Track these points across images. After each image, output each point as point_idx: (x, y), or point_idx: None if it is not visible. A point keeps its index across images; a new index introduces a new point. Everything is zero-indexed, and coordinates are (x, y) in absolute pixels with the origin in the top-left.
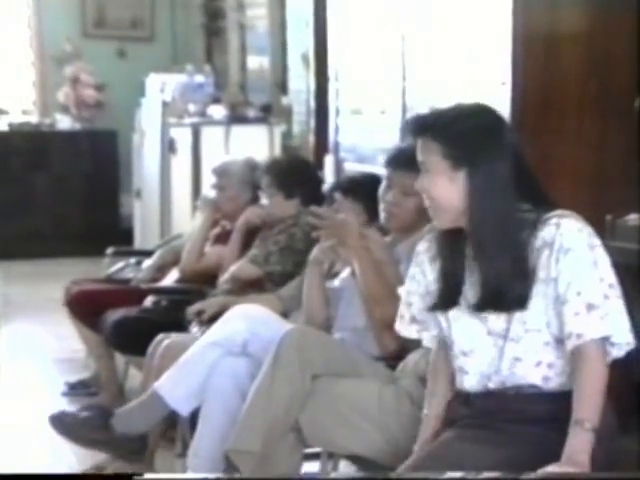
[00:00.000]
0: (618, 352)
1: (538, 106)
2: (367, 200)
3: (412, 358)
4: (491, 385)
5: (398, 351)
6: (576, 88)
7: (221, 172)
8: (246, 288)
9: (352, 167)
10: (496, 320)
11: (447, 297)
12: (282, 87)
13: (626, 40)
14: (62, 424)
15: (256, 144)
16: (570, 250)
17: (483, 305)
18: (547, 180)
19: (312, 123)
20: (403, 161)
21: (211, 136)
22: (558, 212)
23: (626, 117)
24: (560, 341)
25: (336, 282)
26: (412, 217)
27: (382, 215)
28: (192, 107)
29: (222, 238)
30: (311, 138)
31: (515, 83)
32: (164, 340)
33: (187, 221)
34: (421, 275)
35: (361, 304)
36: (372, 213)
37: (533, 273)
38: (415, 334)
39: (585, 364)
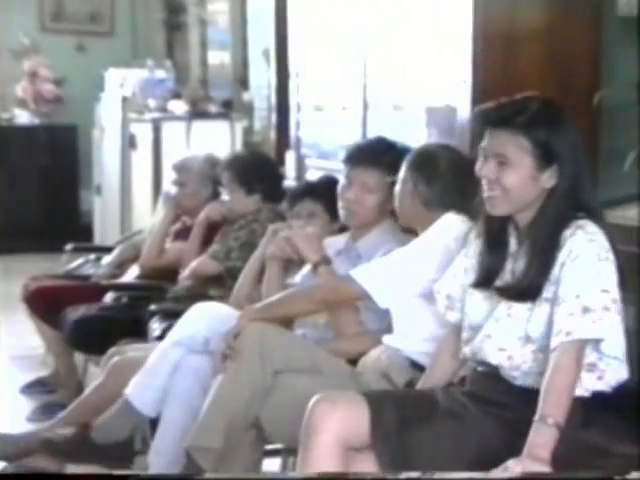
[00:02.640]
0: (606, 375)
1: (496, 94)
2: (327, 200)
3: (374, 354)
4: (466, 355)
5: (359, 354)
6: (536, 86)
7: (181, 168)
8: (206, 284)
9: (314, 163)
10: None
11: (485, 278)
12: (243, 83)
13: (585, 37)
14: (52, 451)
15: (217, 140)
16: (578, 257)
17: (509, 293)
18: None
19: (273, 119)
20: (363, 158)
21: (172, 132)
22: (585, 221)
23: (585, 113)
24: (530, 341)
25: (297, 278)
26: (373, 214)
27: (341, 213)
28: (152, 102)
29: (182, 234)
30: (272, 134)
31: (475, 81)
32: (115, 356)
33: (147, 217)
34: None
35: None
36: (333, 213)
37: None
38: (442, 309)
39: (563, 361)
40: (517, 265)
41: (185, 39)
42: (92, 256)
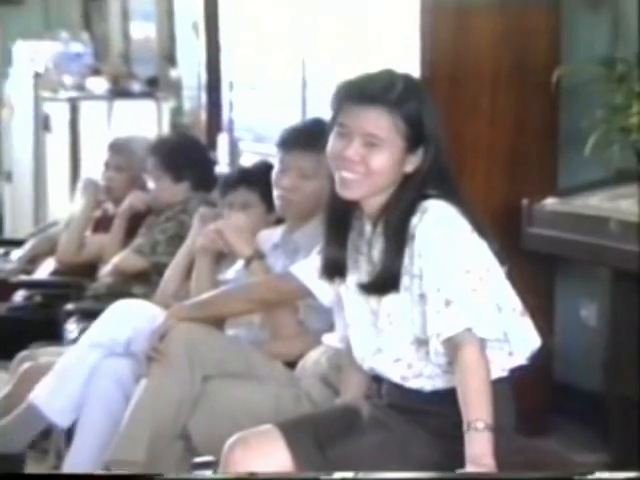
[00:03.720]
0: (515, 349)
1: (449, 81)
2: (263, 188)
3: (312, 356)
4: (365, 367)
5: (297, 356)
6: (489, 61)
7: (120, 149)
8: (130, 281)
9: (249, 147)
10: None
11: (333, 270)
12: (170, 58)
13: (543, 10)
14: None
15: (142, 121)
16: (428, 244)
17: (369, 287)
18: (459, 162)
19: (204, 99)
20: (299, 141)
21: (91, 112)
22: (430, 201)
23: (544, 92)
24: (422, 343)
25: (229, 273)
26: (311, 202)
27: (277, 202)
28: (68, 79)
29: (104, 225)
30: (203, 115)
31: (424, 56)
32: (26, 361)
33: (65, 207)
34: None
35: None
36: (270, 202)
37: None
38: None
39: (459, 362)
40: (373, 253)
41: (104, 9)
42: (1, 250)
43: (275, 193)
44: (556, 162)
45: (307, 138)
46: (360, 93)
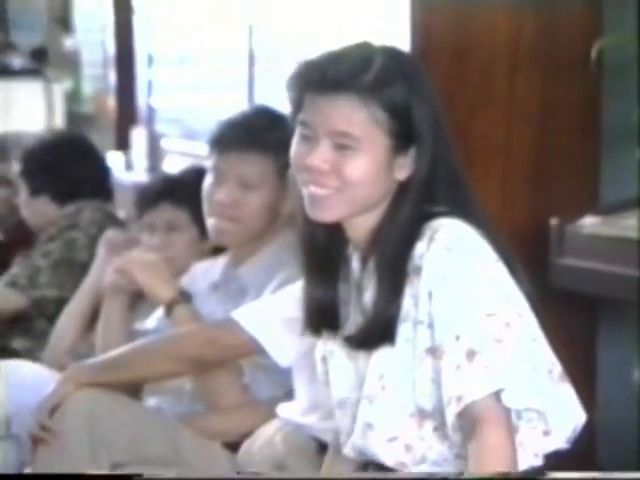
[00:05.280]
0: (553, 425)
1: (451, 57)
2: (195, 205)
3: (262, 435)
4: (350, 454)
5: (242, 435)
6: (506, 35)
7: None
8: (5, 330)
9: (175, 146)
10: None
11: (317, 321)
12: (64, 22)
13: None
14: None
15: (26, 109)
16: (442, 278)
17: (355, 338)
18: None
19: (112, 79)
20: (237, 139)
21: None
22: (440, 221)
23: (579, 73)
24: (426, 416)
25: (149, 322)
26: (258, 220)
27: (211, 225)
28: None
29: None
30: (111, 101)
31: (415, 29)
32: None
33: None
34: None
35: None
36: (204, 223)
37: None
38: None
39: (478, 441)
40: (364, 299)
41: None
42: None
43: (207, 211)
44: (596, 167)
45: (249, 134)
46: (322, 78)
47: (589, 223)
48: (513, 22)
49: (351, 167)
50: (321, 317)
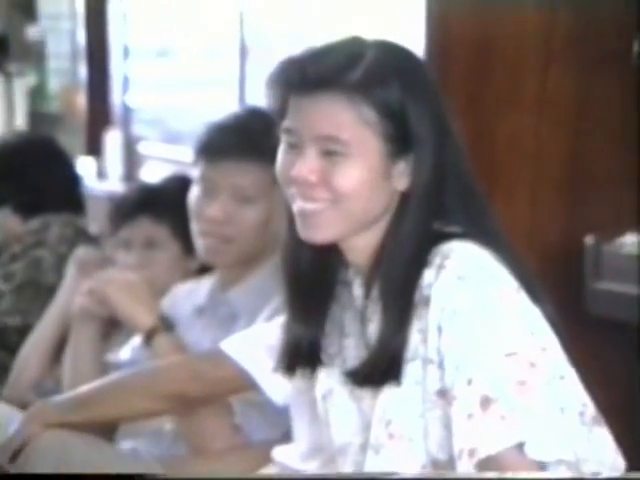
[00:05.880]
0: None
1: (473, 56)
2: (177, 219)
3: None
4: None
5: None
6: (537, 27)
7: None
8: None
9: (155, 151)
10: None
11: (297, 355)
12: (27, 9)
13: None
14: None
15: None
16: (453, 312)
17: (356, 375)
18: (487, 175)
19: (82, 73)
20: (229, 145)
21: None
22: (451, 244)
23: (617, 70)
24: (441, 468)
25: (124, 352)
26: (255, 238)
27: (200, 243)
28: None
29: None
30: (81, 99)
31: (431, 20)
32: None
33: None
34: None
35: None
36: (187, 240)
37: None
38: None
39: None
40: (369, 331)
41: None
42: None
43: (196, 228)
44: (639, 177)
45: (244, 139)
46: (303, 76)
47: (630, 242)
48: (545, 12)
49: (341, 176)
50: (297, 356)
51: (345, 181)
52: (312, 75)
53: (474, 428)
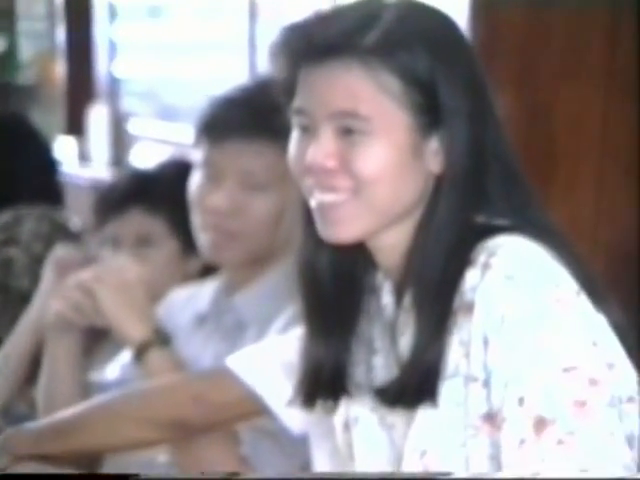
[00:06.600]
0: None
1: (526, 16)
2: (175, 211)
3: None
4: None
5: None
6: None
7: None
8: None
9: (148, 130)
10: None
11: (318, 384)
12: None
13: None
14: None
15: None
16: (502, 320)
17: (386, 394)
18: (544, 159)
19: (60, 36)
20: (239, 123)
21: None
22: (498, 239)
23: None
24: None
25: (110, 370)
26: (265, 234)
27: (203, 238)
28: None
29: None
30: (59, 68)
31: None
32: None
33: None
34: None
35: None
36: (186, 237)
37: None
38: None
39: None
40: (401, 344)
41: None
42: None
43: (198, 221)
44: None
45: (254, 116)
46: (309, 42)
47: None
48: None
49: (364, 158)
50: (318, 385)
51: (368, 164)
52: (320, 41)
53: (526, 455)
